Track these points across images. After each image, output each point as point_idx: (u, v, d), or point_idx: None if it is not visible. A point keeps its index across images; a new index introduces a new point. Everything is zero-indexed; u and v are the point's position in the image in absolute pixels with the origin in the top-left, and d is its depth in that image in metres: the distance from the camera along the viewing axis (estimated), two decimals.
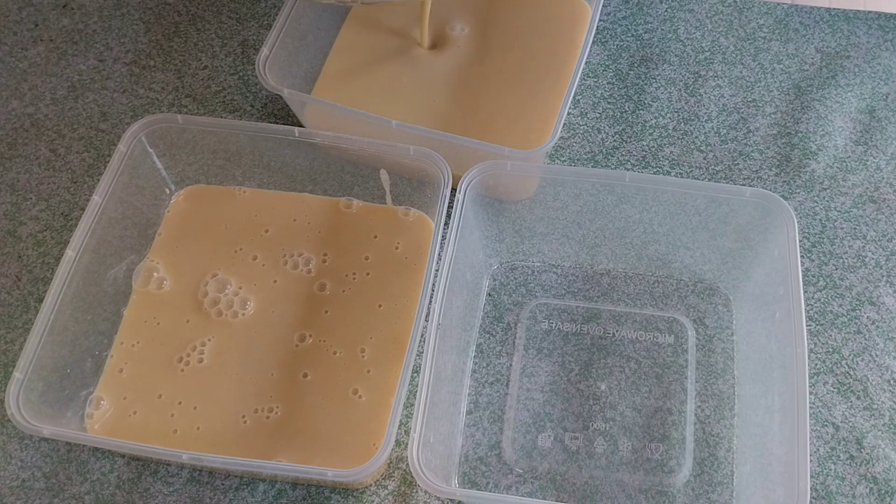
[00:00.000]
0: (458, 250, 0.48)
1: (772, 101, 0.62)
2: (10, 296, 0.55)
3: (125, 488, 0.48)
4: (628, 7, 0.67)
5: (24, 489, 0.48)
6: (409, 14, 0.63)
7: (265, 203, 0.56)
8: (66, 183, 0.59)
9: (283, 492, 0.48)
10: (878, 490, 0.48)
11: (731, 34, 0.65)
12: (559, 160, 0.60)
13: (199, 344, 0.51)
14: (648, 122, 0.61)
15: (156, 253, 0.54)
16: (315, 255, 0.54)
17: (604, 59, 0.64)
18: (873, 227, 0.57)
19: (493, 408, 0.51)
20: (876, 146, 0.60)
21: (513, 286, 0.55)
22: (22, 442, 0.50)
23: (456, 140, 0.52)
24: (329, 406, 0.49)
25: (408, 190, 0.55)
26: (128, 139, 0.52)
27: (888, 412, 0.50)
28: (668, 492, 0.48)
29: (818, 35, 0.65)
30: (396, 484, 0.49)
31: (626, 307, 0.54)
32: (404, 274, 0.53)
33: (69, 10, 0.68)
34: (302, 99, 0.56)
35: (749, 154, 0.60)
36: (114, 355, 0.51)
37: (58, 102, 0.63)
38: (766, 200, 0.49)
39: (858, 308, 0.54)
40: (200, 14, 0.67)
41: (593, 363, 0.52)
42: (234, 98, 0.63)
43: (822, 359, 0.52)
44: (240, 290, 0.53)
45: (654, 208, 0.52)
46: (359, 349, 0.51)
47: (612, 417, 0.50)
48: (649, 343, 0.52)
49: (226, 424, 0.49)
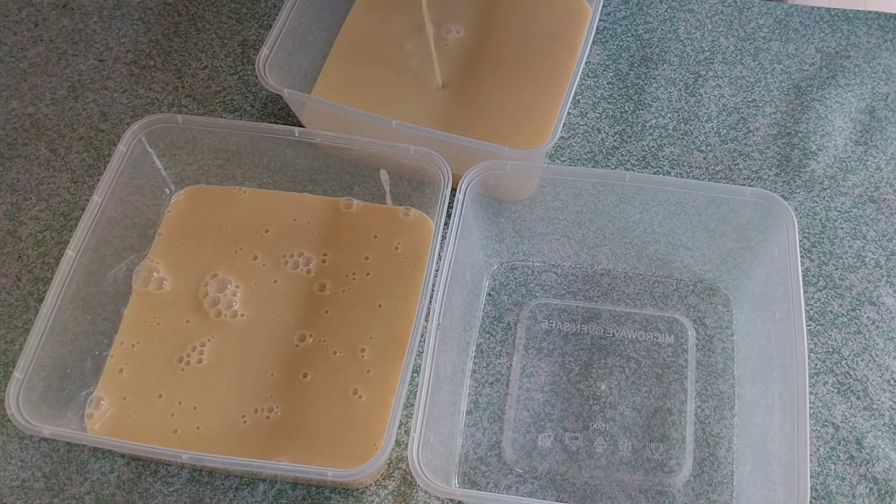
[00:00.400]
0: (458, 250, 0.48)
1: (772, 101, 0.62)
2: (10, 296, 0.55)
3: (125, 488, 0.48)
4: (628, 7, 0.67)
5: (24, 489, 0.48)
6: (409, 14, 0.63)
7: (265, 203, 0.56)
8: (66, 183, 0.59)
9: (283, 492, 0.48)
10: (878, 490, 0.48)
11: (731, 34, 0.65)
12: (559, 160, 0.60)
13: (199, 344, 0.51)
14: (648, 122, 0.61)
15: (156, 253, 0.54)
16: (315, 255, 0.54)
17: (604, 59, 0.64)
18: (873, 227, 0.56)
19: (493, 408, 0.51)
20: (876, 146, 0.60)
21: (513, 286, 0.55)
22: (22, 442, 0.50)
23: (456, 140, 0.52)
24: (329, 406, 0.49)
25: (408, 190, 0.55)
26: (128, 139, 0.52)
27: (888, 412, 0.50)
28: (668, 492, 0.48)
29: (818, 35, 0.65)
30: (396, 484, 0.49)
31: (626, 307, 0.54)
32: (404, 274, 0.53)
33: (69, 10, 0.68)
34: (302, 99, 0.56)
35: (749, 154, 0.60)
36: (114, 355, 0.51)
37: (58, 102, 0.63)
38: (766, 200, 0.49)
39: (858, 308, 0.54)
40: (200, 14, 0.67)
41: (593, 363, 0.52)
42: (234, 98, 0.63)
43: (822, 359, 0.52)
44: (239, 290, 0.53)
45: (654, 208, 0.52)
46: (359, 349, 0.51)
47: (612, 417, 0.50)
48: (649, 343, 0.52)
49: (226, 424, 0.49)
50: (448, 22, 0.63)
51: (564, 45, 0.61)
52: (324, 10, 0.61)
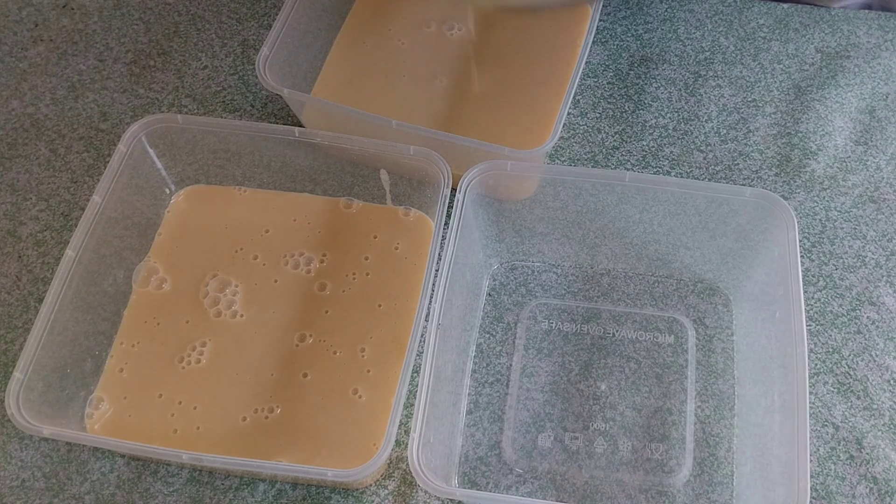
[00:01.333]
0: (458, 250, 0.48)
1: (772, 100, 0.62)
2: (11, 296, 0.55)
3: (125, 488, 0.48)
4: (628, 7, 0.67)
5: (24, 489, 0.48)
6: (410, 13, 0.63)
7: (265, 203, 0.56)
8: (66, 183, 0.59)
9: (283, 492, 0.48)
10: (878, 490, 0.48)
11: (731, 34, 0.65)
12: (559, 160, 0.60)
13: (199, 344, 0.51)
14: (648, 122, 0.61)
15: (156, 253, 0.54)
16: (315, 255, 0.54)
17: (604, 59, 0.64)
18: (873, 226, 0.56)
19: (493, 408, 0.51)
20: (876, 146, 0.60)
21: (513, 286, 0.55)
22: (22, 442, 0.50)
23: (456, 140, 0.52)
24: (329, 406, 0.49)
25: (408, 190, 0.55)
26: (128, 139, 0.52)
27: (888, 412, 0.50)
28: (668, 492, 0.48)
29: (818, 35, 0.65)
30: (396, 484, 0.49)
31: (626, 307, 0.54)
32: (404, 274, 0.53)
33: (69, 10, 0.68)
34: (302, 99, 0.56)
35: (749, 154, 0.60)
36: (114, 355, 0.51)
37: (58, 102, 0.63)
38: (766, 200, 0.49)
39: (858, 308, 0.54)
40: (200, 14, 0.67)
41: (593, 363, 0.52)
42: (234, 98, 0.63)
43: (822, 359, 0.52)
44: (239, 290, 0.53)
45: (654, 208, 0.52)
46: (359, 349, 0.51)
47: (612, 417, 0.50)
48: (649, 343, 0.52)
49: (226, 424, 0.49)
50: (450, 19, 0.63)
51: (564, 44, 0.61)
52: (324, 9, 0.61)
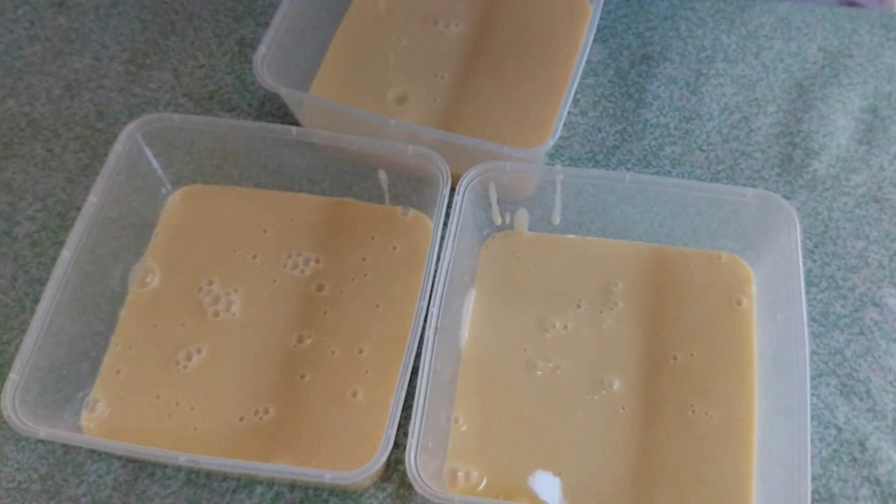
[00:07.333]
0: (456, 251, 0.48)
1: (774, 100, 0.61)
2: (6, 296, 0.54)
3: (122, 490, 0.48)
4: (629, 5, 0.66)
5: (21, 491, 0.48)
6: (408, 11, 0.62)
7: (263, 203, 0.56)
8: (63, 183, 0.59)
9: (281, 494, 0.48)
10: (881, 492, 0.48)
11: (732, 32, 0.65)
12: (559, 160, 0.59)
13: (197, 345, 0.51)
14: (649, 121, 0.61)
15: (152, 253, 0.54)
16: (313, 256, 0.54)
17: (604, 58, 0.64)
18: (876, 227, 0.56)
19: None
20: (879, 145, 0.59)
21: None
22: (18, 444, 0.49)
23: (455, 140, 0.52)
24: (327, 407, 0.49)
25: (406, 190, 0.54)
26: (124, 139, 0.52)
27: (891, 414, 0.50)
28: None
29: (820, 33, 0.64)
30: (395, 486, 0.48)
31: None
32: (403, 274, 0.53)
33: (65, 9, 0.67)
34: (299, 98, 0.56)
35: (751, 153, 0.59)
36: (110, 356, 0.50)
37: (54, 101, 0.62)
38: (767, 201, 0.49)
39: (861, 309, 0.53)
40: (197, 12, 0.67)
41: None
42: (232, 97, 0.62)
43: (825, 360, 0.52)
44: (237, 290, 0.52)
45: (654, 209, 0.51)
46: (357, 350, 0.50)
47: None
48: None
49: (223, 426, 0.48)
50: (448, 15, 0.63)
51: (565, 43, 0.61)
52: (321, 8, 0.61)
